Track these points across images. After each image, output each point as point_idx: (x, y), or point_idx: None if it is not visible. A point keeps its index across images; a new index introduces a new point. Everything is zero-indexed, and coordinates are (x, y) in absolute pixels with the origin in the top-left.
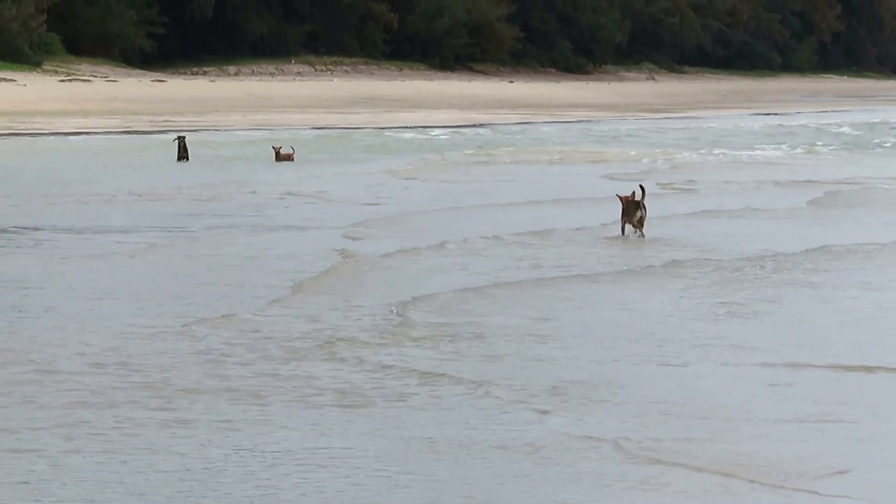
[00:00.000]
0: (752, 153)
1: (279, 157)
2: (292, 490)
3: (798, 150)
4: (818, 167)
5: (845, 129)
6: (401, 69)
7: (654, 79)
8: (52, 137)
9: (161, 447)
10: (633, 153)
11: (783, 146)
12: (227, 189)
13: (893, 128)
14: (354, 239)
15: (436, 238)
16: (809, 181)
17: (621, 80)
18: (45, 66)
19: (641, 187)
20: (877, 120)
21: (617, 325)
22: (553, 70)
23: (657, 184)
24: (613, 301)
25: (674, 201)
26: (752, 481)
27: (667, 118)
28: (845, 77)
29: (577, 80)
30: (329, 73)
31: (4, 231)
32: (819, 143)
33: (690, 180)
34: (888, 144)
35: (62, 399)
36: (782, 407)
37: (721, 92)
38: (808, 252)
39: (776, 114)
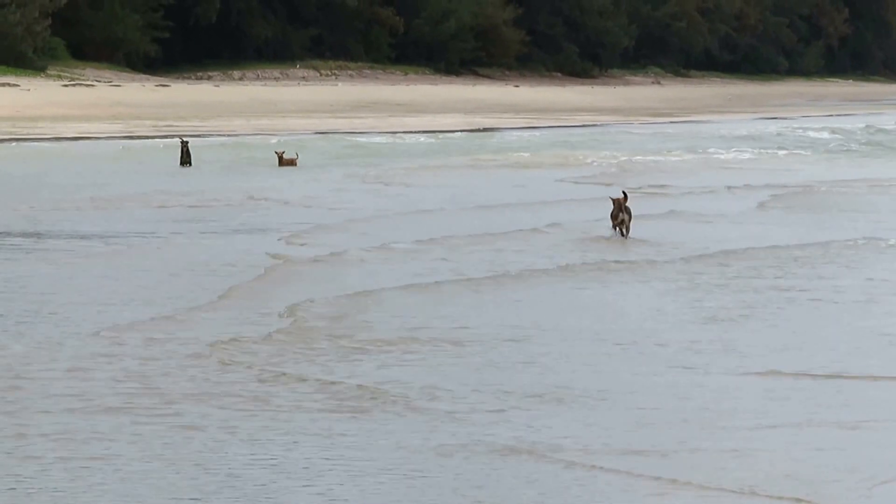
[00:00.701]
0: (719, 157)
1: (282, 162)
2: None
3: (758, 154)
4: (775, 171)
5: (823, 135)
6: (406, 74)
7: (659, 83)
8: (53, 143)
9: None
10: (598, 156)
11: (751, 150)
12: (219, 195)
13: (873, 133)
14: (299, 245)
15: (373, 242)
16: (767, 185)
17: (627, 84)
18: (49, 71)
19: (623, 193)
20: (861, 125)
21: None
22: (559, 74)
23: (605, 185)
24: (553, 301)
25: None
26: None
27: (671, 122)
28: (851, 81)
29: (582, 84)
30: (334, 77)
31: None
32: (788, 147)
33: (650, 185)
34: (845, 149)
35: None
36: (778, 413)
37: (726, 96)
38: (771, 250)
39: (777, 118)
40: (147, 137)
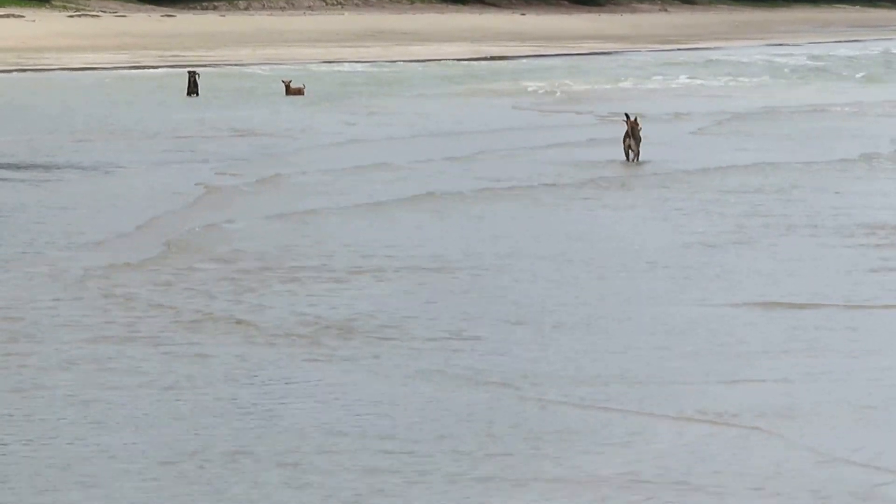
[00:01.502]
0: (690, 83)
1: (289, 91)
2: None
3: (720, 81)
4: (727, 97)
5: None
6: (412, 2)
7: (667, 10)
8: (59, 73)
9: None
10: (587, 83)
11: (715, 76)
12: (209, 126)
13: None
14: (231, 174)
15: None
16: (722, 111)
17: (634, 11)
18: (53, 2)
19: (627, 116)
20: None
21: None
22: (566, 2)
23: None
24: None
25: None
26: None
27: (678, 49)
28: (858, 7)
29: (589, 12)
30: (340, 6)
31: None
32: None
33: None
34: (805, 76)
35: None
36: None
37: (734, 23)
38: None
39: (783, 44)
40: (152, 67)
